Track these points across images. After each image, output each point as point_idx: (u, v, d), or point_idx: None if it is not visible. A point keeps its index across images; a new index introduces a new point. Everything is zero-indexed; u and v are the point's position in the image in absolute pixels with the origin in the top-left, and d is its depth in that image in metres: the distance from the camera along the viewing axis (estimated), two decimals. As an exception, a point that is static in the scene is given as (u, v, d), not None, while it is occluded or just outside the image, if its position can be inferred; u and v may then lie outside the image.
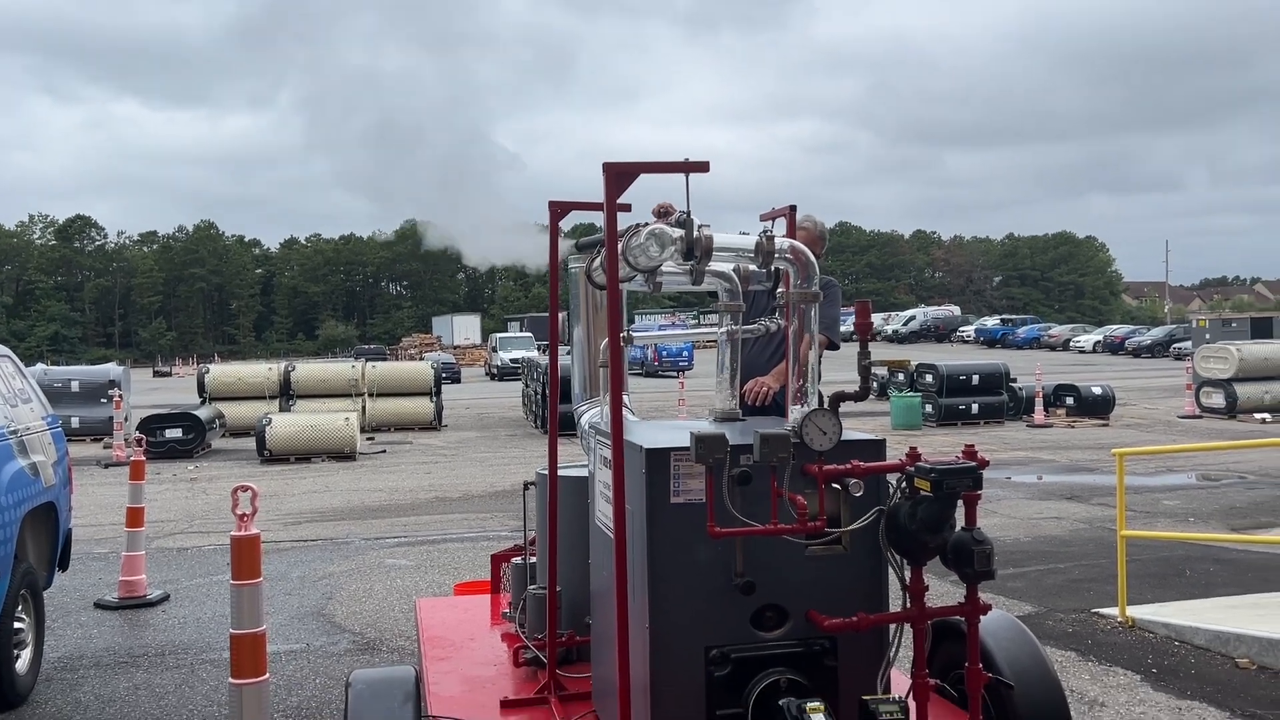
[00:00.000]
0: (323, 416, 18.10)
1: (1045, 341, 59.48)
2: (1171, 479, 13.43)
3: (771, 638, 3.12)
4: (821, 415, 3.03)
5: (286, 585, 8.43)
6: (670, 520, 3.06)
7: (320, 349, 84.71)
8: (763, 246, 3.26)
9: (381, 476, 15.15)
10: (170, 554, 9.78)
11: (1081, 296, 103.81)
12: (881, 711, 2.80)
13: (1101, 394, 21.62)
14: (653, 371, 41.17)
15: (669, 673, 3.05)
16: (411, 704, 3.42)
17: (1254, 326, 28.05)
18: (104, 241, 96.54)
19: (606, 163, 3.04)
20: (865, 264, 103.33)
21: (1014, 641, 3.85)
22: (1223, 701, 5.25)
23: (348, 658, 6.39)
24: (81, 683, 5.99)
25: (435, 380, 22.59)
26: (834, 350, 4.69)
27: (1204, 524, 10.31)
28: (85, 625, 7.28)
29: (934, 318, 69.13)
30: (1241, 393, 21.31)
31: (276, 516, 11.80)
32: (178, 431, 17.72)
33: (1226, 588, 7.64)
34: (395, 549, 9.85)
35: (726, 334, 4.00)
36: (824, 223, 5.28)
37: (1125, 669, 5.83)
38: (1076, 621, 6.85)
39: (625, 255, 3.32)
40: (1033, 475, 13.99)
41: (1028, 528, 10.24)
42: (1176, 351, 46.62)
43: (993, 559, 3.02)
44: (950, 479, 2.88)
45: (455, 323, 72.10)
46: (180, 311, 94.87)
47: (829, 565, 3.16)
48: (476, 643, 4.82)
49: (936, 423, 20.62)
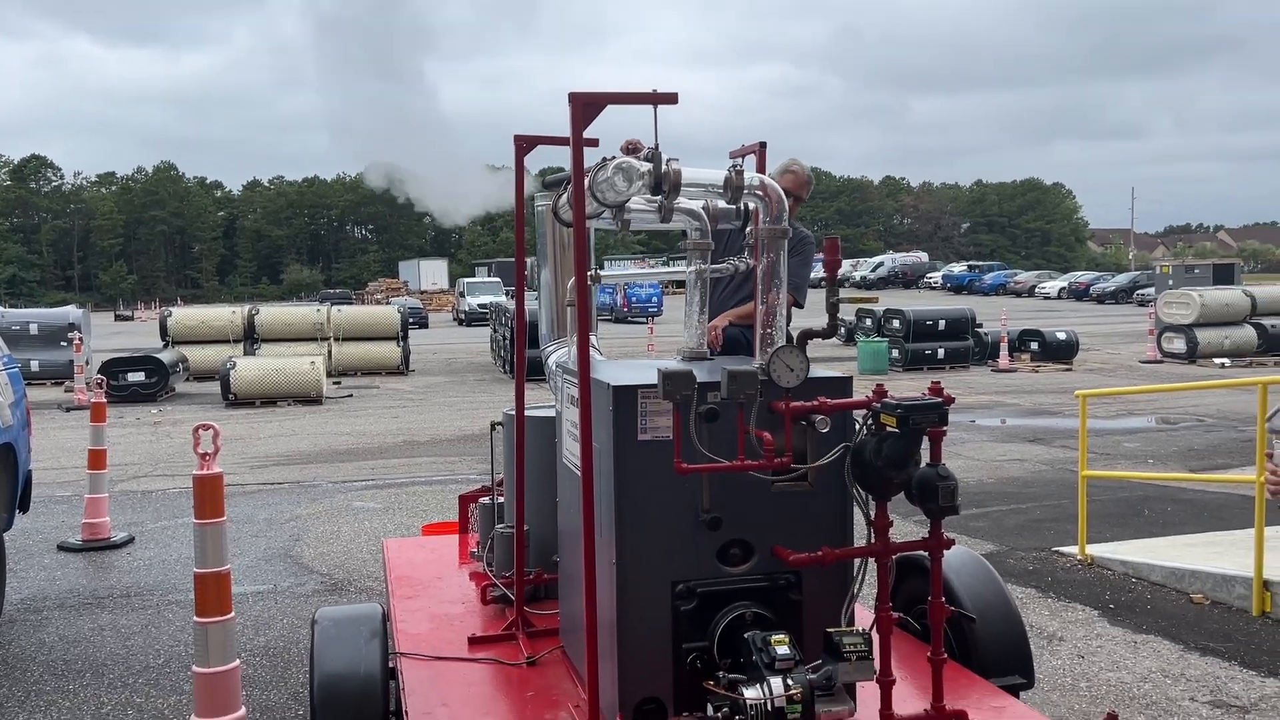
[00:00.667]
0: (288, 360, 17.93)
1: (1011, 288, 59.91)
2: (1132, 422, 13.65)
3: (737, 572, 3.14)
4: (789, 352, 3.02)
5: (253, 527, 8.40)
6: (637, 457, 3.05)
7: (285, 293, 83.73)
8: (732, 181, 3.22)
9: (348, 420, 15.08)
10: (134, 497, 9.70)
11: (1048, 243, 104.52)
12: (845, 643, 2.83)
13: (1065, 339, 21.86)
14: (622, 317, 41.13)
15: (635, 607, 3.07)
16: (378, 640, 3.42)
17: (1216, 273, 28.33)
18: (61, 182, 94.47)
19: (573, 93, 2.98)
20: (835, 210, 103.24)
21: (976, 576, 3.92)
22: (1176, 635, 5.38)
23: (315, 598, 6.39)
24: (45, 624, 5.95)
25: (402, 325, 22.42)
26: (798, 309, 4.66)
27: (1163, 465, 10.50)
28: (49, 567, 7.23)
29: (902, 264, 69.39)
30: (1202, 338, 21.63)
31: (242, 460, 11.73)
32: (140, 375, 17.50)
33: (1183, 526, 7.80)
34: (363, 492, 9.83)
35: (695, 273, 3.97)
36: (808, 166, 5.23)
37: (1083, 605, 5.95)
38: (1037, 559, 6.98)
39: (592, 190, 3.27)
40: (996, 419, 14.16)
41: (991, 469, 10.39)
42: (1140, 298, 47.16)
43: (957, 494, 3.05)
44: (916, 414, 2.88)
45: (422, 267, 71.40)
46: (141, 255, 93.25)
47: (795, 501, 3.17)
48: (444, 582, 4.82)
49: (903, 368, 20.79)
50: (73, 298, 70.09)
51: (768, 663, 2.83)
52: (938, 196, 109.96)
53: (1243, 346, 22.06)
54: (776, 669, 2.81)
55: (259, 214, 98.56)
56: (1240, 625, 5.50)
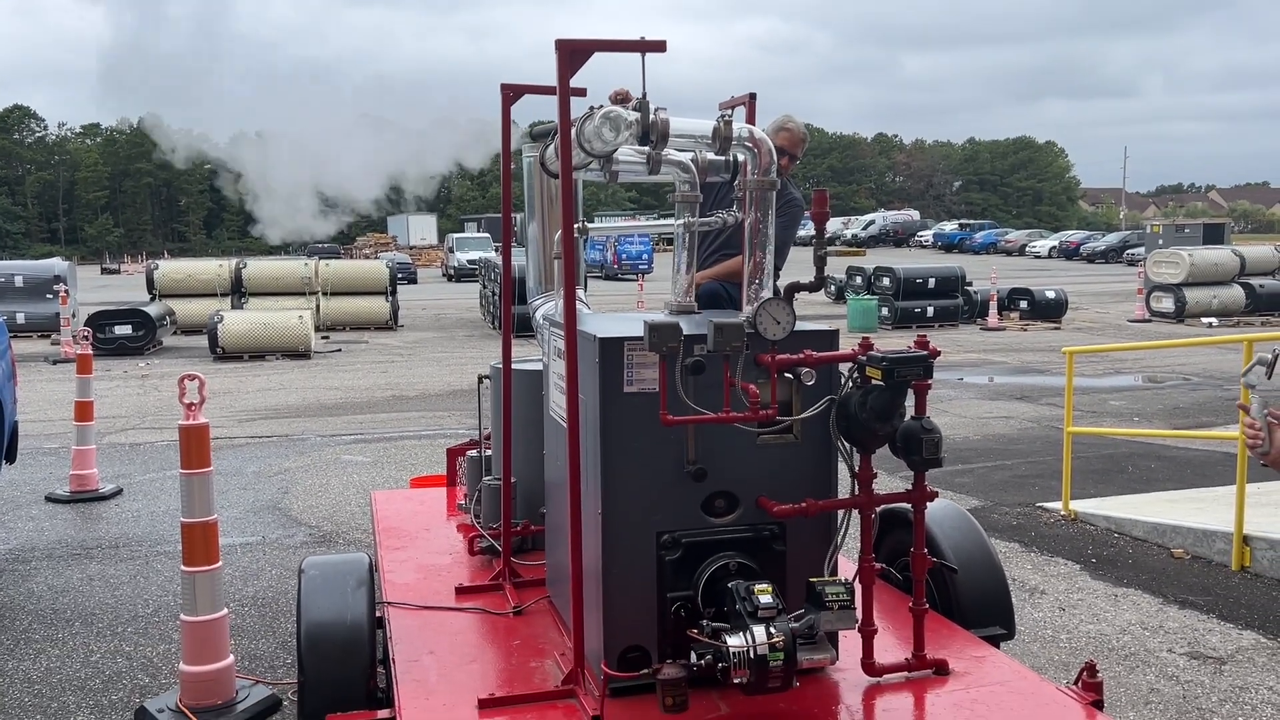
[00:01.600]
0: (276, 314, 17.86)
1: (1002, 247, 59.90)
2: (1118, 380, 13.72)
3: (722, 523, 3.16)
4: (775, 305, 3.02)
5: (242, 480, 8.41)
6: (623, 409, 3.05)
7: (272, 247, 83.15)
8: (720, 131, 3.19)
9: (337, 375, 15.06)
10: (122, 449, 9.70)
11: (1040, 202, 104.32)
12: (827, 593, 2.86)
13: (1054, 298, 21.90)
14: (612, 274, 41.01)
15: (620, 557, 3.09)
16: (365, 589, 3.44)
17: (1206, 232, 28.44)
18: (44, 134, 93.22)
19: (560, 39, 2.94)
20: (826, 167, 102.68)
21: (958, 529, 3.95)
22: (1156, 589, 5.45)
23: (304, 550, 6.42)
24: (34, 574, 5.97)
25: (390, 280, 22.33)
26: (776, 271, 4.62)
27: (1148, 423, 10.58)
28: (36, 519, 7.24)
29: (893, 222, 69.25)
30: (1191, 297, 21.69)
31: (231, 414, 11.72)
32: (127, 328, 17.41)
33: (1166, 483, 7.88)
34: (351, 445, 9.85)
35: (684, 226, 3.95)
36: (803, 124, 5.17)
37: (1066, 559, 6.02)
38: (1021, 515, 7.04)
39: (579, 141, 3.24)
40: (984, 376, 14.22)
41: (977, 426, 10.45)
42: (1130, 257, 47.20)
43: (940, 447, 3.07)
44: (901, 367, 2.89)
45: (411, 223, 70.82)
46: (127, 208, 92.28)
47: (780, 453, 3.19)
48: (432, 533, 4.85)
49: (892, 325, 20.83)
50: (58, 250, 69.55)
51: (751, 611, 2.86)
52: (930, 154, 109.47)
53: (1231, 306, 22.14)
54: (759, 618, 2.83)
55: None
56: (1220, 579, 5.57)
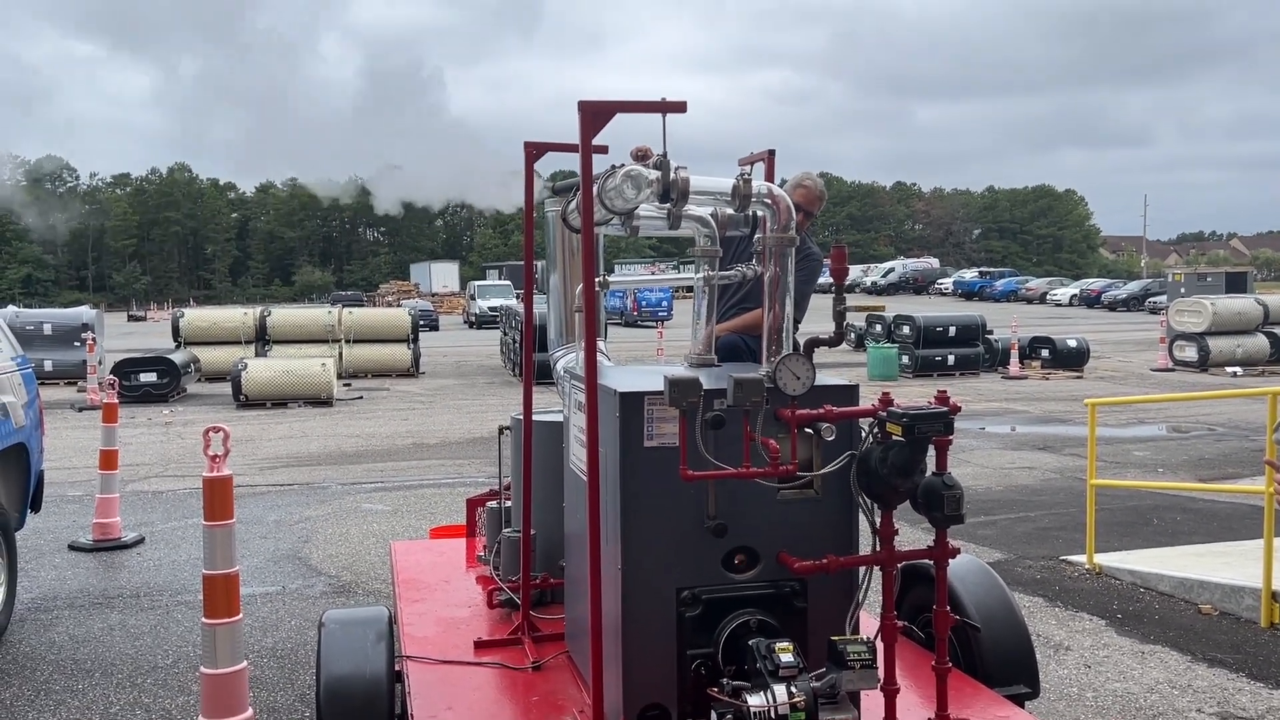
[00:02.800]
0: (299, 362, 17.99)
1: (1022, 294, 59.74)
2: (1142, 430, 13.60)
3: (742, 579, 3.15)
4: (795, 360, 3.03)
5: (262, 529, 8.43)
6: (643, 463, 3.07)
7: (297, 295, 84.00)
8: (740, 189, 3.23)
9: (358, 422, 15.12)
10: (145, 497, 9.75)
11: (1060, 250, 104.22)
12: (849, 652, 2.84)
13: (1076, 346, 21.79)
14: (632, 321, 41.11)
15: (640, 613, 3.08)
16: (385, 643, 3.44)
17: (1228, 281, 28.25)
18: (76, 183, 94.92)
19: (582, 101, 3.00)
20: (846, 215, 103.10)
21: (981, 585, 3.91)
22: (1184, 646, 5.36)
23: (323, 600, 6.41)
24: (55, 623, 5.99)
25: (413, 327, 22.47)
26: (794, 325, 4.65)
27: (1173, 474, 10.46)
28: (59, 567, 7.27)
29: (913, 269, 69.28)
30: (1214, 346, 21.52)
31: (252, 461, 11.78)
32: (152, 376, 17.59)
33: (1192, 536, 7.77)
34: (372, 494, 9.86)
35: (703, 280, 3.98)
36: (822, 182, 5.22)
37: (1091, 614, 5.93)
38: (1045, 568, 6.96)
39: (601, 197, 3.29)
40: (1006, 426, 14.13)
41: (1000, 477, 10.36)
42: (1152, 305, 46.96)
43: (962, 504, 3.05)
44: (921, 423, 2.89)
45: (433, 270, 71.61)
46: (155, 255, 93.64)
47: (801, 509, 3.18)
48: (451, 585, 4.84)
49: (913, 373, 20.75)
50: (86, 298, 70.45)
51: (772, 670, 2.84)
52: (949, 202, 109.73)
53: (1255, 355, 21.94)
54: (780, 676, 2.82)
55: (272, 215, 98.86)
56: (1249, 636, 5.47)
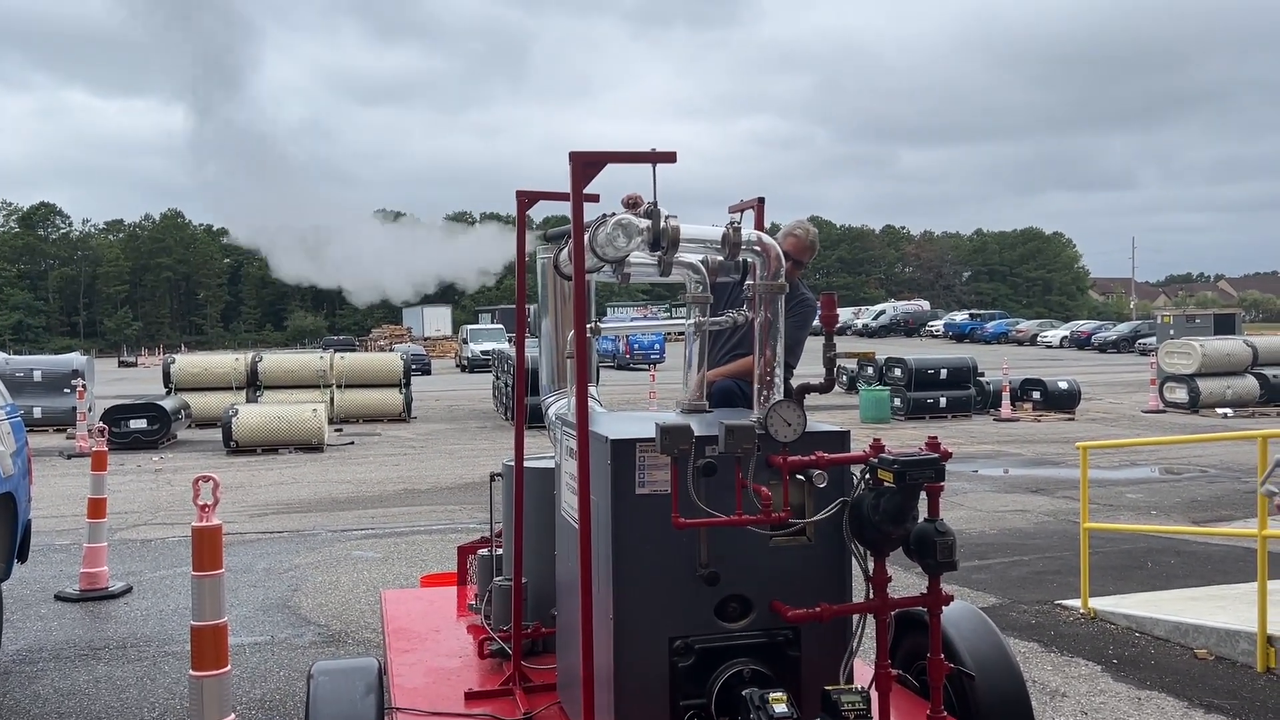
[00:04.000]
0: (290, 408, 17.93)
1: (1013, 336, 60.00)
2: (1135, 472, 13.60)
3: (735, 628, 3.13)
4: (786, 407, 3.04)
5: (252, 577, 8.35)
6: (635, 511, 3.06)
7: (289, 339, 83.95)
8: (730, 237, 3.26)
9: (349, 468, 15.05)
10: (134, 545, 9.66)
11: (1049, 292, 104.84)
12: (843, 702, 2.82)
13: (1067, 389, 21.86)
14: (624, 364, 41.15)
15: (633, 663, 3.05)
16: (374, 695, 3.40)
17: (1217, 323, 28.44)
18: (69, 229, 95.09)
19: (573, 152, 3.03)
20: (836, 259, 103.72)
21: (976, 632, 3.88)
22: (1181, 691, 5.32)
23: (313, 650, 6.34)
24: (41, 675, 5.91)
25: (404, 371, 22.46)
26: (788, 370, 4.65)
27: (1166, 517, 10.45)
28: (45, 618, 7.18)
29: (903, 312, 69.59)
30: (1204, 388, 21.61)
31: (242, 508, 11.70)
32: (142, 422, 17.50)
33: (1187, 579, 7.75)
34: (362, 541, 9.79)
35: (694, 325, 4.00)
36: (815, 230, 5.24)
37: (1087, 660, 5.89)
38: (1040, 613, 6.92)
39: (592, 246, 3.31)
40: (999, 468, 14.12)
41: (993, 520, 10.34)
42: (1141, 347, 47.14)
43: (955, 550, 3.05)
44: (913, 470, 2.89)
45: (426, 314, 71.59)
46: (146, 301, 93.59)
47: (793, 556, 3.17)
48: (442, 634, 4.80)
49: (905, 416, 20.77)
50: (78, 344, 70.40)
51: (766, 721, 2.82)
52: (939, 245, 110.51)
53: (1245, 396, 22.04)
54: (774, 727, 2.79)
55: (264, 260, 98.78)
56: (1245, 681, 5.44)
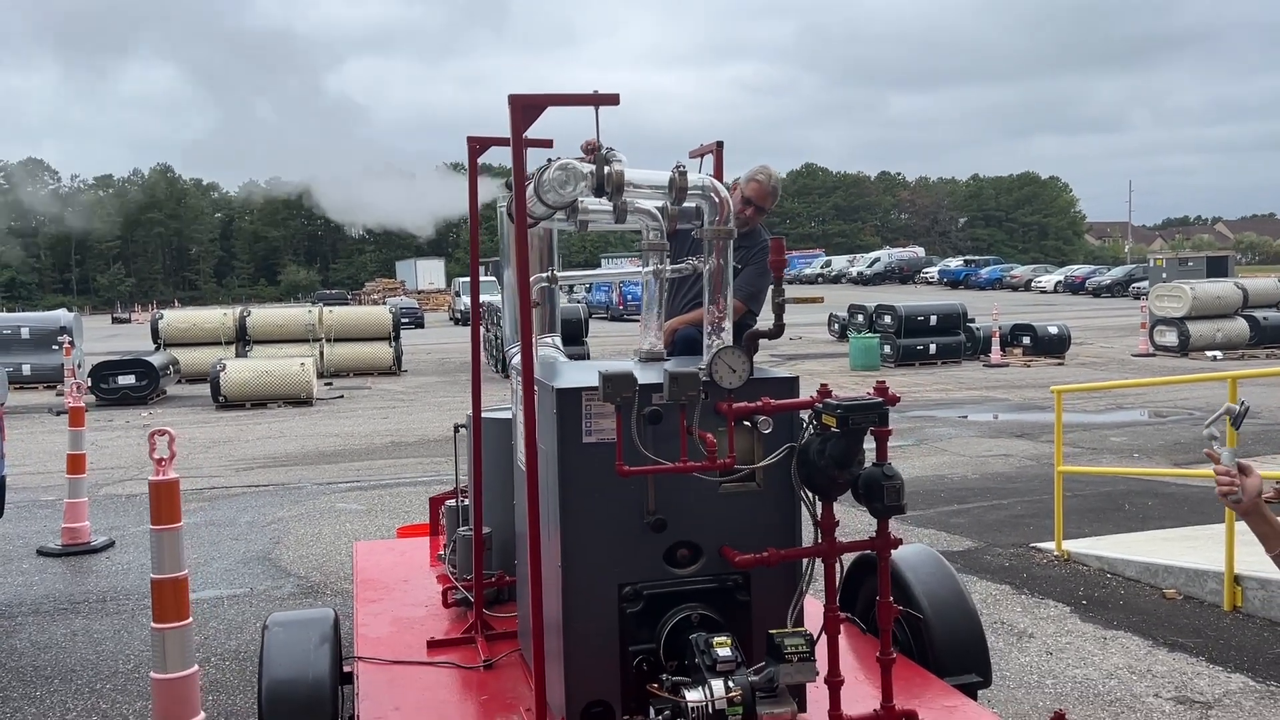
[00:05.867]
0: (278, 362, 17.92)
1: (1007, 282, 59.85)
2: (1120, 416, 13.64)
3: (685, 574, 3.13)
4: (731, 353, 3.02)
5: (234, 530, 8.39)
6: (582, 459, 3.04)
7: (283, 294, 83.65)
8: (675, 182, 3.21)
9: (337, 422, 15.07)
10: (119, 501, 9.70)
11: (1045, 237, 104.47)
12: (787, 645, 2.82)
13: (1057, 333, 21.86)
14: (618, 315, 41.05)
15: (582, 609, 3.06)
16: (328, 645, 3.42)
17: (1210, 265, 28.27)
18: (57, 185, 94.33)
19: (512, 95, 2.97)
20: (831, 206, 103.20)
21: (933, 575, 3.91)
22: (1146, 631, 5.37)
23: (291, 601, 6.39)
24: (19, 630, 5.95)
25: (394, 325, 22.41)
26: (751, 317, 4.62)
27: (1149, 459, 10.49)
28: (26, 573, 7.22)
29: (898, 259, 69.33)
30: (1194, 331, 21.61)
31: (229, 462, 11.73)
32: (130, 378, 17.50)
33: (1163, 521, 7.80)
34: (347, 493, 9.83)
35: (653, 274, 3.96)
36: (779, 175, 5.16)
37: (1057, 601, 5.94)
38: (1014, 556, 6.97)
39: (537, 192, 3.27)
40: (985, 414, 14.15)
41: (976, 465, 10.37)
42: (1135, 291, 47.06)
43: (902, 494, 3.03)
44: (855, 415, 2.87)
45: (419, 267, 71.37)
46: (139, 257, 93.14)
47: (743, 503, 3.17)
48: (410, 584, 4.82)
49: (895, 363, 20.78)
50: (70, 301, 70.08)
51: (709, 665, 2.83)
52: (934, 191, 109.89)
53: (1235, 339, 22.05)
54: (718, 671, 2.80)
55: (256, 215, 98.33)
56: (1211, 620, 5.49)
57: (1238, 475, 2.60)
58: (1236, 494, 2.59)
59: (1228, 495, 2.63)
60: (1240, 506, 2.62)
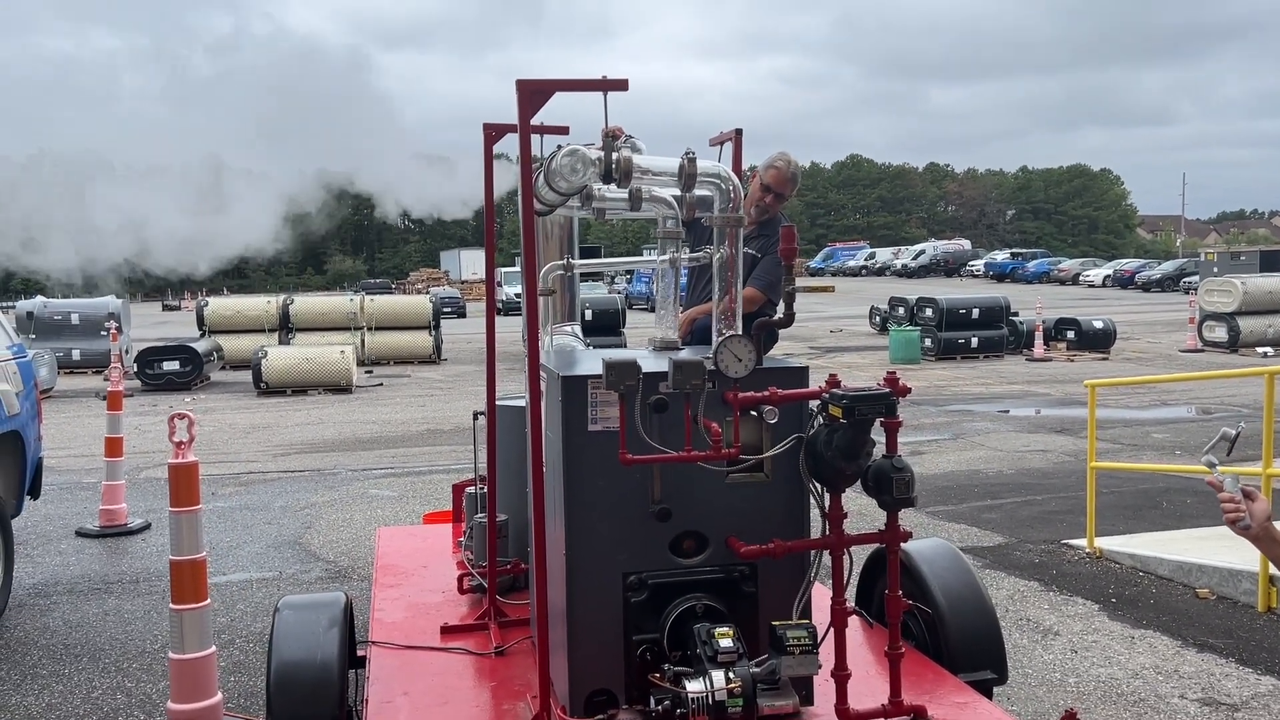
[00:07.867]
0: (319, 349, 18.12)
1: (1055, 276, 58.89)
2: (1164, 412, 13.37)
3: (691, 564, 3.11)
4: (737, 342, 2.98)
5: (267, 515, 8.50)
6: (588, 447, 3.03)
7: (329, 284, 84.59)
8: (685, 169, 3.18)
9: (376, 409, 15.21)
10: (158, 484, 9.85)
11: (1095, 230, 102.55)
12: (789, 637, 2.80)
13: (1102, 328, 21.47)
14: (657, 306, 40.96)
15: (586, 598, 3.05)
16: (337, 629, 3.44)
17: (1263, 260, 27.68)
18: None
19: (520, 80, 2.95)
20: (876, 198, 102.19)
21: (949, 569, 3.85)
22: (1176, 630, 5.26)
23: (318, 585, 6.46)
24: (53, 608, 6.07)
25: (434, 314, 22.57)
26: (771, 306, 4.58)
27: (1191, 457, 10.25)
28: (64, 553, 7.37)
29: (943, 252, 68.54)
30: (1245, 326, 21.13)
31: (267, 448, 11.89)
32: (175, 364, 17.79)
33: (1199, 519, 7.63)
34: (381, 480, 9.92)
35: (669, 262, 3.93)
36: (798, 163, 5.11)
37: (1085, 599, 5.84)
38: (1045, 552, 6.86)
39: (549, 179, 3.26)
40: (1026, 409, 13.94)
41: (1012, 460, 10.22)
42: (1186, 286, 46.02)
43: (912, 486, 2.99)
44: (862, 405, 2.83)
45: (463, 257, 71.71)
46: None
47: (750, 493, 3.14)
48: (429, 570, 4.84)
49: (936, 356, 20.55)
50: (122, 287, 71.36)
51: (711, 655, 2.81)
52: (982, 183, 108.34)
53: (1287, 335, 21.54)
54: (719, 662, 2.78)
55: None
56: (1244, 621, 5.36)
57: (1243, 501, 2.57)
58: (1244, 520, 2.57)
59: (1236, 522, 2.59)
60: (1249, 533, 2.59)
